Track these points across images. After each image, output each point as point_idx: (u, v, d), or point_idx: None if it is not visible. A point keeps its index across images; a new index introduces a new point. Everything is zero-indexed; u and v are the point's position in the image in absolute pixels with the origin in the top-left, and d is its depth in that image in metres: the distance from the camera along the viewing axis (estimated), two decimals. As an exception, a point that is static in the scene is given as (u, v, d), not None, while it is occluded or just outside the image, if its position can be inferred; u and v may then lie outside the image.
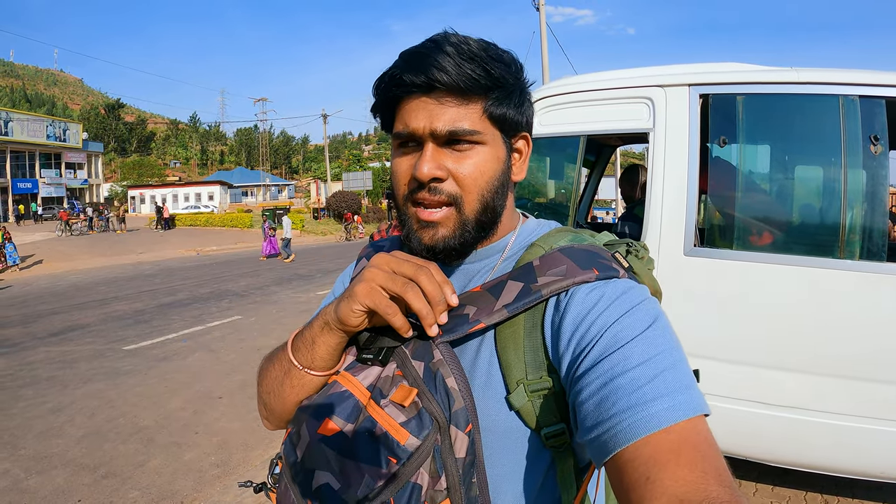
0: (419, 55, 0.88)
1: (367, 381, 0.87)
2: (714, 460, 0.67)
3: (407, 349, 0.88)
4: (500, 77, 0.89)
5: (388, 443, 0.79)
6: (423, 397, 0.82)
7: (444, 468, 0.81)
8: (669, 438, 0.68)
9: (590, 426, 0.74)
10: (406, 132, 0.91)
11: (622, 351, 0.77)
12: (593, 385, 0.76)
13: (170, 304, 13.72)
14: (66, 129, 65.05)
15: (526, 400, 0.87)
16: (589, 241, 0.97)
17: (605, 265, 0.89)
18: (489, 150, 0.92)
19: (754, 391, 3.34)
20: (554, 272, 0.88)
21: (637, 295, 0.85)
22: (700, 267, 3.42)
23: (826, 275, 3.22)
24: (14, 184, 57.39)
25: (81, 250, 29.24)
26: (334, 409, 0.85)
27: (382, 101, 0.94)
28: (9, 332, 11.00)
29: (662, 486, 0.64)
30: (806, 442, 3.30)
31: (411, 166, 0.92)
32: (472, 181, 0.91)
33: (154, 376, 7.68)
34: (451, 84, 0.86)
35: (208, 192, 75.17)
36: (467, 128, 0.89)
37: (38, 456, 5.26)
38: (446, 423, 0.82)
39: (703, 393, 0.75)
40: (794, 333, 3.27)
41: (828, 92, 3.27)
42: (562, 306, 0.86)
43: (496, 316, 0.87)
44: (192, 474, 4.80)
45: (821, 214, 3.50)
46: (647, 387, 0.72)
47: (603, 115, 3.80)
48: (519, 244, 1.00)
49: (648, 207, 3.58)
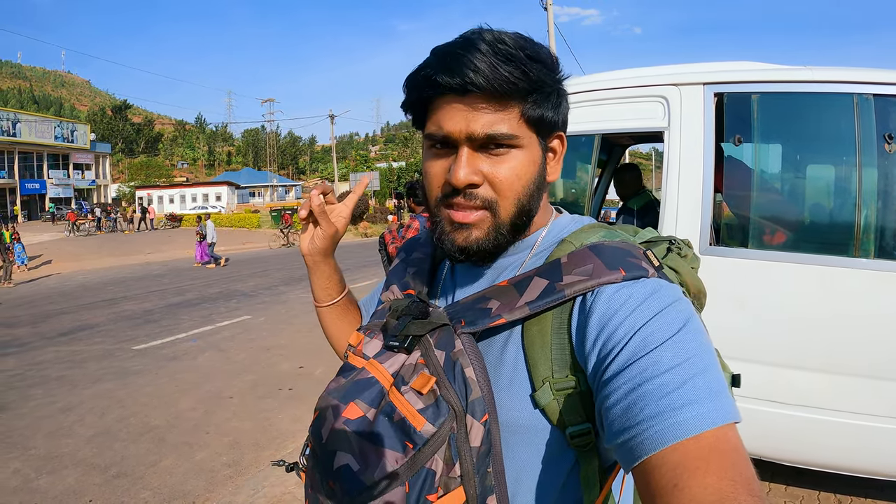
0: (453, 55, 0.85)
1: (392, 369, 0.89)
2: (744, 469, 0.65)
3: (432, 339, 0.89)
4: (539, 79, 0.87)
5: (405, 428, 0.81)
6: (442, 385, 0.84)
7: (459, 456, 0.82)
8: (698, 446, 0.66)
9: (617, 431, 0.73)
10: (440, 135, 0.89)
11: (651, 355, 0.75)
12: (621, 390, 0.75)
13: (179, 303, 13.77)
14: (74, 129, 65.39)
15: (551, 398, 0.86)
16: (621, 238, 0.94)
17: (634, 264, 0.87)
18: (526, 154, 0.91)
19: (770, 390, 3.32)
20: (579, 271, 0.86)
21: (667, 296, 0.83)
22: (715, 266, 3.39)
23: (841, 273, 3.20)
24: (22, 184, 57.73)
25: (90, 250, 29.40)
26: (360, 394, 0.87)
27: (415, 100, 0.92)
28: (18, 332, 11.07)
29: (690, 494, 0.63)
30: (822, 441, 3.29)
31: (445, 169, 0.90)
32: (508, 186, 0.90)
33: (164, 376, 7.70)
34: (488, 87, 0.83)
35: (216, 192, 75.33)
36: (505, 132, 0.87)
37: (49, 455, 5.27)
38: (462, 412, 0.82)
39: (734, 399, 0.74)
40: (810, 332, 3.26)
41: (842, 90, 3.25)
42: (587, 306, 0.85)
43: (518, 312, 0.87)
44: (204, 474, 4.80)
45: (835, 213, 3.48)
46: (675, 393, 0.70)
47: (617, 113, 3.78)
48: (550, 240, 0.99)
49: (663, 206, 3.57)
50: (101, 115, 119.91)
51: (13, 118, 57.09)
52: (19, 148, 57.19)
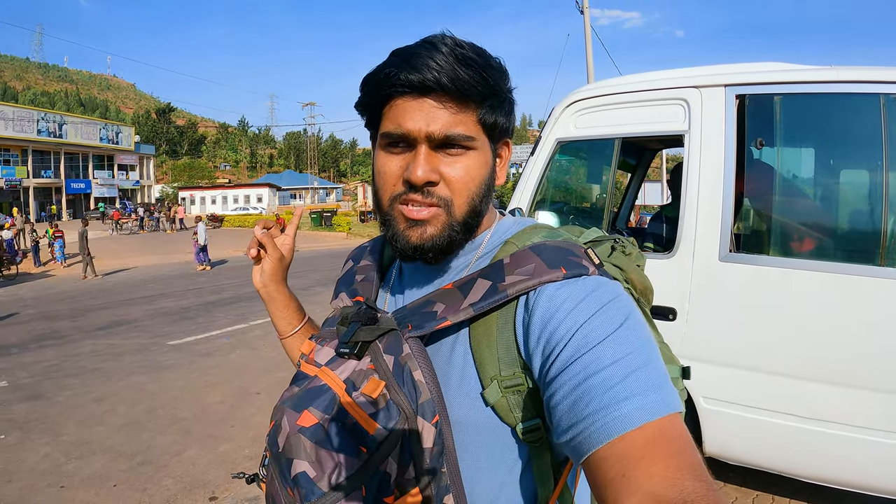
0: (415, 55, 0.87)
1: (343, 375, 0.89)
2: (689, 456, 0.67)
3: (381, 344, 0.91)
4: (495, 85, 0.90)
5: (358, 432, 0.82)
6: (392, 389, 0.85)
7: (413, 457, 0.83)
8: (644, 436, 0.68)
9: (565, 428, 0.75)
10: (398, 132, 0.90)
11: (594, 351, 0.77)
12: (566, 387, 0.76)
13: (215, 302, 14.02)
14: (119, 131, 66.92)
15: (500, 396, 0.88)
16: (563, 238, 0.96)
17: (575, 262, 0.89)
18: (479, 156, 0.93)
19: (790, 403, 3.23)
20: (521, 271, 0.88)
21: (607, 292, 0.85)
22: (736, 273, 3.34)
23: (866, 283, 3.08)
24: (68, 184, 59.19)
25: (131, 248, 29.96)
26: (313, 401, 0.87)
27: (373, 98, 0.93)
28: (58, 326, 11.38)
29: (637, 483, 0.65)
30: (844, 459, 3.15)
31: (401, 167, 0.91)
32: (462, 185, 0.91)
33: (195, 371, 7.85)
34: (449, 87, 0.86)
35: (257, 194, 76.22)
36: (463, 133, 0.89)
37: (79, 442, 5.43)
38: (413, 414, 0.84)
39: (676, 390, 0.76)
40: (833, 344, 3.14)
41: (868, 91, 3.14)
42: (531, 304, 0.87)
43: (462, 314, 0.89)
44: (226, 466, 4.88)
45: (861, 219, 3.39)
46: (619, 386, 0.72)
47: (637, 117, 3.75)
48: (494, 241, 1.01)
49: (683, 212, 3.51)
50: (145, 118, 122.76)
51: (60, 120, 58.63)
52: (65, 149, 58.69)
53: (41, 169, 56.74)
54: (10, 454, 5.21)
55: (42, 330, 11.04)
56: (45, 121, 56.69)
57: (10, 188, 52.47)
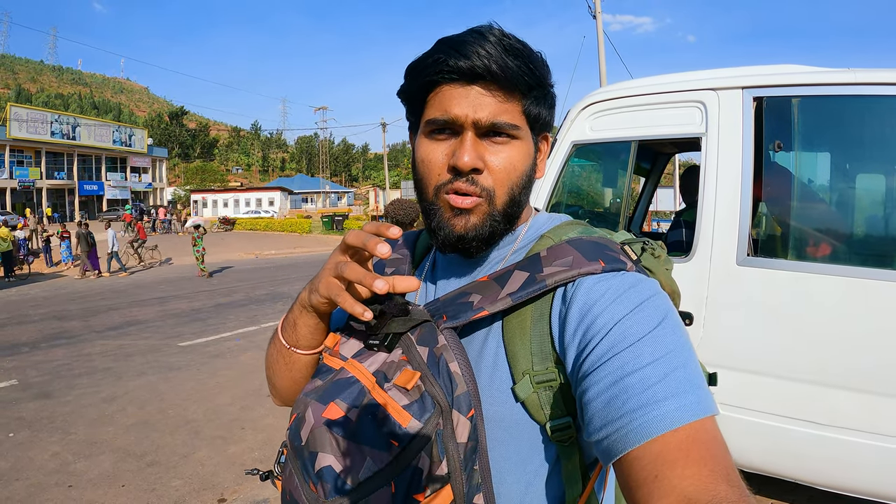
0: (464, 43, 0.86)
1: (372, 367, 0.87)
2: (723, 460, 0.66)
3: (413, 336, 0.88)
4: (541, 76, 0.90)
5: (390, 425, 0.79)
6: (426, 381, 0.82)
7: (446, 452, 0.80)
8: (678, 437, 0.67)
9: (599, 425, 0.74)
10: (444, 118, 0.89)
11: (631, 349, 0.75)
12: (602, 383, 0.75)
13: (226, 304, 14.02)
14: (132, 134, 67.60)
15: (531, 391, 0.86)
16: (599, 234, 0.96)
17: (612, 257, 0.88)
18: (522, 146, 0.92)
19: (809, 410, 3.17)
20: (560, 263, 0.88)
21: (646, 289, 0.84)
22: (753, 277, 3.29)
23: (886, 287, 3.03)
24: (81, 185, 59.72)
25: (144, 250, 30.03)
26: (340, 393, 0.84)
27: (419, 85, 0.92)
28: (69, 325, 11.42)
29: (670, 484, 0.64)
30: (864, 467, 3.08)
31: (446, 155, 0.90)
32: (505, 175, 0.91)
33: (206, 372, 7.86)
34: (498, 75, 0.85)
35: (269, 197, 76.60)
36: (509, 122, 0.88)
37: (88, 441, 5.43)
38: (448, 407, 0.81)
39: (711, 393, 0.75)
40: (853, 350, 3.09)
41: (888, 93, 3.09)
42: (568, 297, 0.86)
43: (500, 304, 0.87)
44: (235, 467, 4.87)
45: (881, 223, 3.35)
46: (657, 386, 0.71)
47: (654, 119, 3.71)
48: (530, 236, 1.00)
49: (700, 215, 3.47)
50: (158, 121, 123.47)
51: (73, 122, 59.37)
52: (79, 151, 59.39)
53: (54, 170, 57.28)
54: (18, 452, 5.21)
55: (52, 329, 11.07)
56: (59, 123, 57.41)
57: (24, 189, 53.05)
